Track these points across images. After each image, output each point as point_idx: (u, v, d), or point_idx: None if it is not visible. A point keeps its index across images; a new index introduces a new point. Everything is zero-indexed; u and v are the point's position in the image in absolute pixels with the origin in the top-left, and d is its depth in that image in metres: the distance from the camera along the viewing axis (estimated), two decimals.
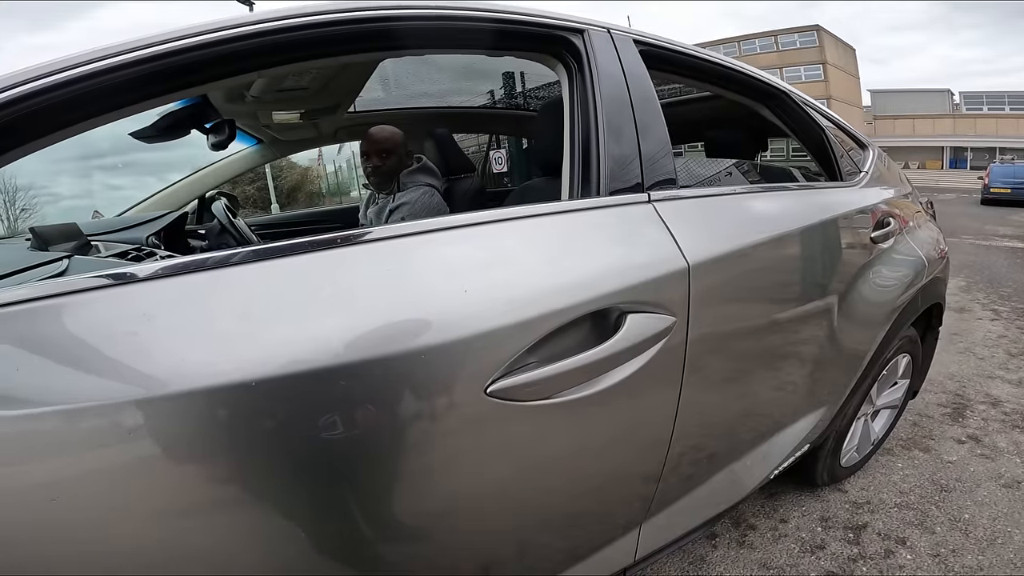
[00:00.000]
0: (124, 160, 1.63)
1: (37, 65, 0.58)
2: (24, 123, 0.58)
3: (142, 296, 0.55)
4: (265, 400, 0.54)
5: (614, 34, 0.96)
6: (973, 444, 1.92)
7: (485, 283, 0.66)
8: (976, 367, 2.63)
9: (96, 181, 2.20)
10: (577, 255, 0.75)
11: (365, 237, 0.65)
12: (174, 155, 1.01)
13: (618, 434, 0.81)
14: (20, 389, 0.49)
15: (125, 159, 1.58)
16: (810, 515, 1.56)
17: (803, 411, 1.23)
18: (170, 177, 2.04)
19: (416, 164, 1.63)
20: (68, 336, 0.52)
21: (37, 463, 0.49)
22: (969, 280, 4.50)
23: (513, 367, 0.65)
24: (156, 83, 0.66)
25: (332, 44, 0.76)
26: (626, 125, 0.89)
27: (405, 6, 0.77)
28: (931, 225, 1.75)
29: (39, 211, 2.52)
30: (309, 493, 0.60)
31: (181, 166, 2.06)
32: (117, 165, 1.72)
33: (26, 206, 2.38)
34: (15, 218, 2.24)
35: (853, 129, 1.65)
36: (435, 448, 0.65)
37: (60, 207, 2.46)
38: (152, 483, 0.53)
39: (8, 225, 2.17)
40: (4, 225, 2.15)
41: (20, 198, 2.54)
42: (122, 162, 1.65)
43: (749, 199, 1.06)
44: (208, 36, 0.64)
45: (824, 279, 1.16)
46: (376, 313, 0.61)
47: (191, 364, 0.53)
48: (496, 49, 0.92)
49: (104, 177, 2.17)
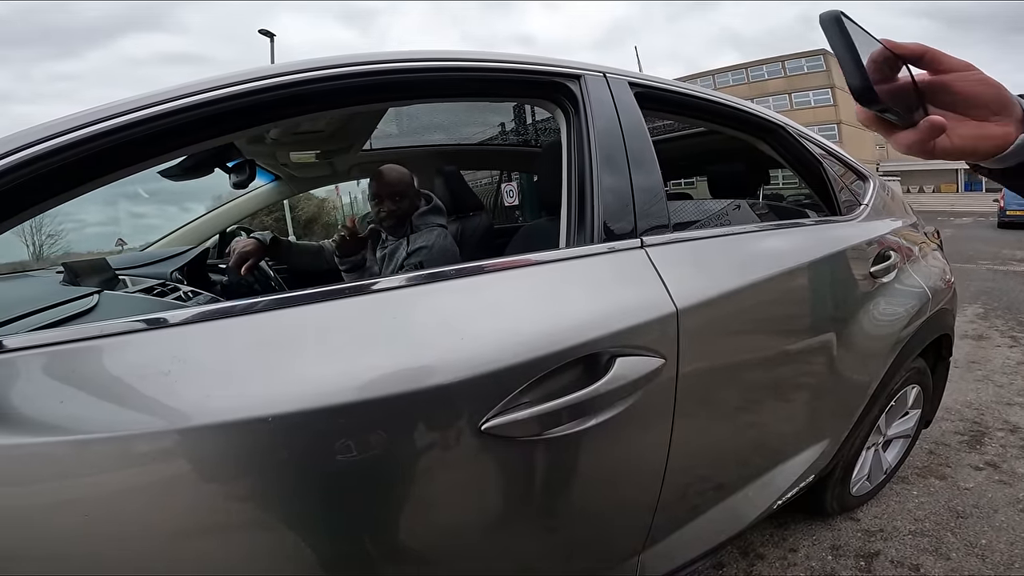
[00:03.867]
0: (148, 189, 1.68)
1: (73, 116, 0.63)
2: (62, 174, 0.62)
3: (174, 340, 0.60)
4: (279, 434, 0.58)
5: (610, 78, 0.98)
6: (991, 471, 1.85)
7: (480, 330, 0.69)
8: (995, 394, 2.54)
9: (121, 209, 2.26)
10: (568, 302, 0.77)
11: (374, 287, 0.69)
12: (196, 184, 1.07)
13: (610, 468, 0.81)
14: (63, 419, 0.53)
15: (149, 187, 1.63)
16: (821, 544, 1.52)
17: (805, 443, 1.21)
18: (193, 206, 2.12)
19: (426, 205, 1.58)
20: (107, 374, 0.57)
21: (74, 483, 0.54)
22: (987, 307, 4.37)
23: (507, 406, 0.67)
24: (193, 132, 0.71)
25: (343, 96, 0.81)
26: (620, 171, 0.91)
27: (405, 59, 0.81)
28: (937, 255, 1.71)
29: (65, 237, 2.59)
30: (316, 519, 0.63)
31: (203, 195, 2.14)
32: (141, 194, 1.77)
33: (52, 232, 2.45)
34: (41, 244, 2.30)
35: (853, 161, 1.63)
36: (434, 480, 0.67)
37: (85, 234, 2.53)
38: (177, 504, 0.57)
39: (35, 250, 2.24)
40: (31, 250, 2.22)
41: (47, 224, 2.61)
42: (146, 191, 1.70)
43: (742, 240, 1.06)
44: (213, 93, 0.68)
45: (820, 316, 1.15)
46: (382, 357, 0.65)
47: (216, 400, 0.57)
48: (497, 96, 0.97)
49: (129, 205, 2.24)
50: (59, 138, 0.60)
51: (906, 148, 0.41)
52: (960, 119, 0.41)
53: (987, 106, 0.40)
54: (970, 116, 0.41)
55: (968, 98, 0.41)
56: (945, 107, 0.42)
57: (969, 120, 0.41)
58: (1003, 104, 0.41)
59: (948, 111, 0.41)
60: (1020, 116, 0.41)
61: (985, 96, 0.40)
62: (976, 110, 0.41)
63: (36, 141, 0.59)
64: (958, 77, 0.41)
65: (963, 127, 0.41)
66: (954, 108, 0.41)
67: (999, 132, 0.41)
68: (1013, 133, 0.40)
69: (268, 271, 1.66)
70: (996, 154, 0.41)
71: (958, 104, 0.41)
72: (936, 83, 0.41)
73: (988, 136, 0.41)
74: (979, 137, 0.41)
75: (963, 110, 0.41)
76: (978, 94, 0.40)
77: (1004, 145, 0.40)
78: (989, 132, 0.41)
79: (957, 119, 0.41)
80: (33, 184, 0.60)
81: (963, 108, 0.41)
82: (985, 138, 0.41)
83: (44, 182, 0.61)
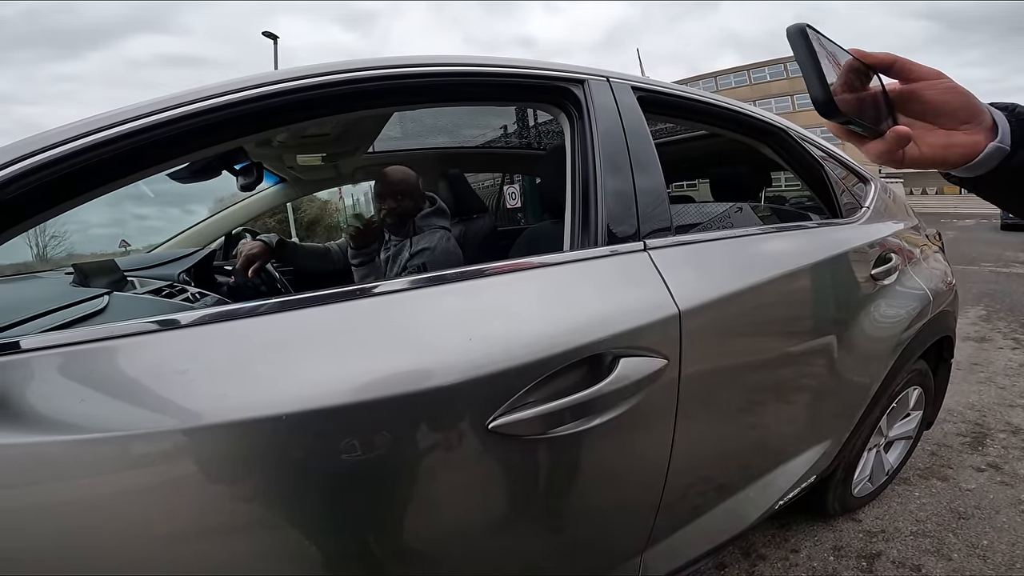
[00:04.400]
0: (154, 189, 1.69)
1: (88, 119, 0.64)
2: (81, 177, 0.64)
3: (190, 340, 0.61)
4: (293, 432, 0.59)
5: (613, 82, 0.99)
6: (993, 472, 1.86)
7: (487, 331, 0.70)
8: (997, 396, 2.54)
9: (125, 210, 2.26)
10: (573, 304, 0.78)
11: (379, 289, 0.70)
12: (201, 187, 1.08)
13: (614, 466, 0.82)
14: (83, 417, 0.55)
15: (155, 188, 1.64)
16: (822, 545, 1.52)
17: (806, 444, 1.22)
18: (198, 208, 2.13)
19: (430, 207, 1.59)
20: (125, 373, 0.58)
21: (93, 480, 0.55)
22: (989, 309, 4.37)
23: (513, 406, 0.68)
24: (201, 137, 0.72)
25: (353, 101, 0.82)
26: (623, 174, 0.92)
27: (413, 64, 0.82)
28: (938, 258, 1.71)
29: (68, 238, 2.58)
30: (326, 514, 0.64)
31: (207, 196, 2.15)
32: (148, 194, 1.78)
33: (56, 233, 2.44)
34: (45, 245, 2.30)
35: (854, 163, 1.64)
36: (441, 477, 0.69)
37: (88, 235, 2.53)
38: (191, 500, 0.58)
39: (39, 252, 2.24)
40: (34, 252, 2.21)
41: (51, 225, 2.59)
42: (153, 191, 1.71)
43: (744, 242, 1.07)
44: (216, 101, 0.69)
45: (821, 318, 1.16)
46: (390, 358, 0.66)
47: (232, 399, 0.58)
48: (501, 101, 0.98)
49: (133, 206, 2.23)
50: (78, 141, 0.61)
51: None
52: (929, 128, 0.41)
53: (955, 114, 0.41)
54: (939, 125, 0.41)
55: (937, 106, 0.41)
56: (915, 116, 0.42)
57: (938, 129, 0.41)
58: (972, 112, 0.41)
59: (918, 120, 0.42)
60: (990, 125, 0.41)
61: (953, 104, 0.41)
62: (945, 118, 0.41)
63: (55, 144, 0.60)
64: (927, 86, 0.41)
65: (932, 136, 0.41)
66: (924, 117, 0.42)
67: (968, 141, 0.40)
68: (982, 142, 0.40)
69: (274, 273, 1.67)
70: (965, 163, 0.41)
71: (928, 113, 0.41)
72: (906, 92, 0.42)
73: (957, 144, 0.41)
74: (948, 146, 0.41)
75: (932, 119, 0.41)
76: (946, 102, 0.41)
77: (972, 154, 0.40)
78: (958, 141, 0.41)
79: (926, 128, 0.41)
80: (51, 188, 0.61)
81: (932, 117, 0.41)
82: (953, 146, 0.41)
83: (61, 185, 0.62)
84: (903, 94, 0.42)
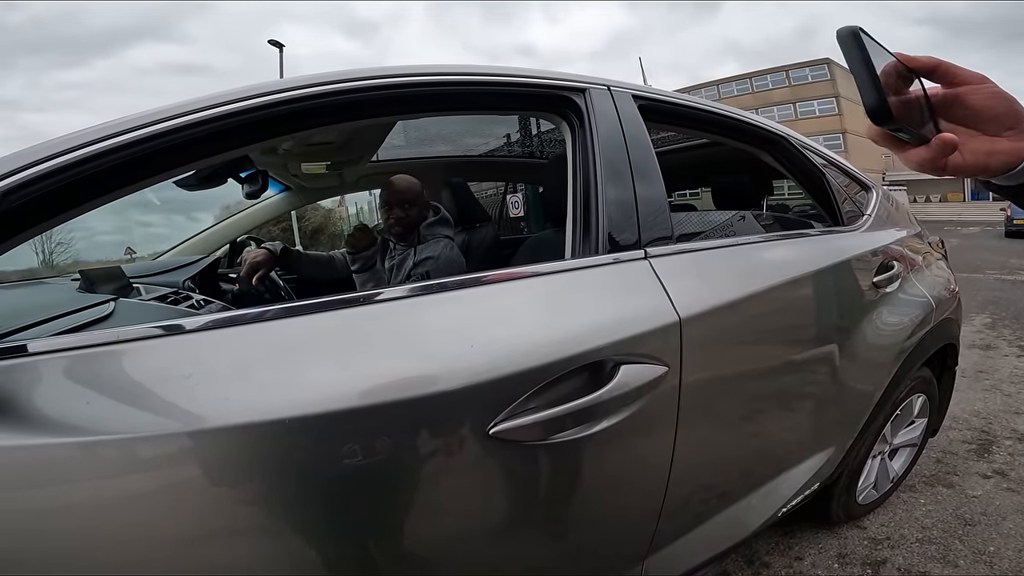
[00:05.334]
0: (160, 196, 1.71)
1: (97, 127, 0.65)
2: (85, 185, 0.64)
3: (194, 345, 0.62)
4: (296, 435, 0.60)
5: (614, 91, 0.99)
6: (999, 479, 1.84)
7: (488, 338, 0.71)
8: (1003, 403, 2.52)
9: (131, 218, 2.27)
10: (574, 312, 0.78)
11: (383, 296, 0.71)
12: (206, 194, 1.09)
13: (614, 473, 0.82)
14: (89, 420, 0.55)
15: (161, 195, 1.66)
16: (827, 552, 1.51)
17: (809, 451, 1.21)
18: (202, 214, 2.14)
19: (434, 216, 1.60)
20: (130, 377, 0.59)
21: (98, 481, 0.56)
22: (995, 316, 4.33)
23: (514, 412, 0.68)
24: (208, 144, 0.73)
25: (356, 109, 0.83)
26: (624, 183, 0.92)
27: (414, 73, 0.82)
28: (941, 265, 1.71)
29: (75, 245, 2.59)
30: (327, 519, 0.65)
31: (213, 203, 2.17)
32: (154, 201, 1.80)
33: (62, 240, 2.45)
34: (51, 251, 2.31)
35: (856, 171, 1.63)
36: (442, 482, 0.69)
37: (94, 241, 2.54)
38: (199, 503, 0.59)
39: (44, 258, 2.24)
40: (40, 258, 2.22)
41: (56, 231, 2.59)
42: (158, 198, 1.73)
43: (744, 250, 1.07)
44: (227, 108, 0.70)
45: (822, 326, 1.16)
46: (392, 364, 0.66)
47: (234, 403, 0.59)
48: (503, 110, 0.98)
49: (138, 213, 2.24)
50: (84, 149, 0.62)
51: (917, 165, 0.39)
52: (972, 134, 0.40)
53: (999, 120, 0.39)
54: (982, 131, 0.40)
55: (980, 112, 0.39)
56: (957, 121, 0.41)
57: (981, 135, 0.40)
58: (1016, 118, 0.39)
59: (960, 125, 0.40)
60: None
61: (997, 109, 0.39)
62: (988, 124, 0.39)
63: (67, 150, 0.61)
64: (971, 90, 0.40)
65: (974, 142, 0.40)
66: (966, 122, 0.40)
67: (1011, 148, 0.39)
68: None
69: (278, 281, 1.69)
70: (1007, 171, 0.40)
71: (970, 118, 0.40)
72: (949, 96, 0.40)
73: (1000, 151, 0.39)
74: (990, 153, 0.39)
75: (975, 124, 0.40)
76: (990, 107, 0.39)
77: (1015, 162, 0.39)
78: (1001, 148, 0.39)
79: (969, 134, 0.40)
80: (57, 195, 0.62)
81: (975, 122, 0.40)
82: (996, 153, 0.39)
83: (67, 193, 0.63)
84: (946, 98, 0.40)
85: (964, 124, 0.40)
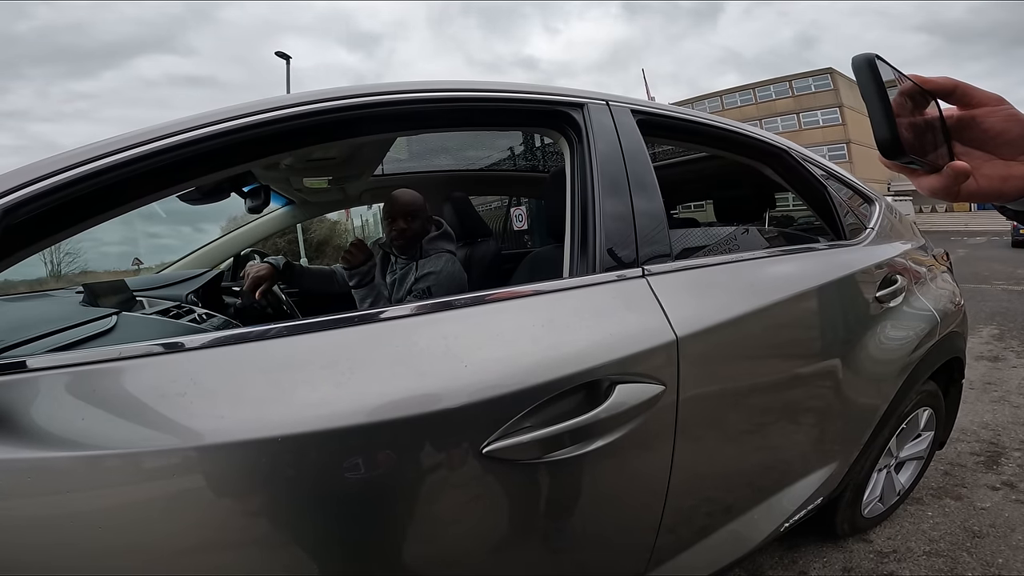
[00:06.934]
0: (166, 208, 1.72)
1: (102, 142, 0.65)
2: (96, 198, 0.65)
3: (191, 363, 0.62)
4: (289, 453, 0.60)
5: (612, 106, 0.98)
6: (1008, 490, 1.81)
7: (483, 358, 0.70)
8: (1011, 415, 2.48)
9: (138, 229, 2.28)
10: (569, 331, 0.77)
11: (381, 316, 0.71)
12: (211, 208, 1.11)
13: (612, 490, 0.81)
14: (84, 435, 0.55)
15: (167, 208, 1.67)
16: (832, 566, 1.48)
17: (812, 466, 1.19)
18: (207, 228, 2.16)
19: (437, 230, 1.60)
20: (127, 393, 0.59)
21: (91, 495, 0.56)
22: (1003, 328, 4.28)
23: (508, 431, 0.68)
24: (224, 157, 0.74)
25: (357, 126, 0.83)
26: (622, 199, 0.91)
27: (414, 89, 0.83)
28: (946, 278, 1.69)
29: (83, 255, 2.61)
30: (320, 537, 0.64)
31: (219, 215, 2.19)
32: (159, 213, 1.81)
33: (70, 250, 2.48)
34: (59, 262, 2.33)
35: (859, 183, 1.61)
36: (436, 500, 0.68)
37: (102, 252, 2.57)
38: (191, 518, 0.59)
39: (53, 269, 2.26)
40: (49, 269, 2.24)
41: (65, 242, 2.63)
42: (164, 211, 1.74)
43: (743, 267, 1.05)
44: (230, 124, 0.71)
45: (824, 343, 1.14)
46: (388, 383, 0.66)
47: (229, 421, 0.59)
48: (502, 126, 0.99)
49: (145, 225, 2.25)
50: (90, 164, 0.62)
51: (930, 192, 0.38)
52: (987, 158, 0.39)
53: (1015, 143, 0.38)
54: (998, 154, 0.39)
55: (997, 135, 0.38)
56: (972, 144, 0.40)
57: (996, 159, 0.39)
58: None
59: (975, 148, 0.39)
60: None
61: (1013, 132, 0.38)
62: (1005, 148, 0.38)
63: (82, 162, 0.62)
64: (988, 112, 0.38)
65: (989, 167, 0.39)
66: (982, 145, 0.39)
67: None
68: None
69: (280, 295, 1.69)
70: (1022, 196, 0.39)
71: (986, 141, 0.39)
72: (965, 118, 0.39)
73: (1015, 176, 0.38)
74: (1006, 178, 0.38)
75: (991, 147, 0.39)
76: (1007, 130, 0.38)
77: None
78: (1016, 172, 0.38)
79: (984, 158, 0.39)
80: (65, 209, 0.63)
81: (991, 146, 0.39)
82: (1012, 178, 0.38)
83: (75, 207, 0.64)
84: (962, 120, 0.39)
85: (980, 147, 0.39)
